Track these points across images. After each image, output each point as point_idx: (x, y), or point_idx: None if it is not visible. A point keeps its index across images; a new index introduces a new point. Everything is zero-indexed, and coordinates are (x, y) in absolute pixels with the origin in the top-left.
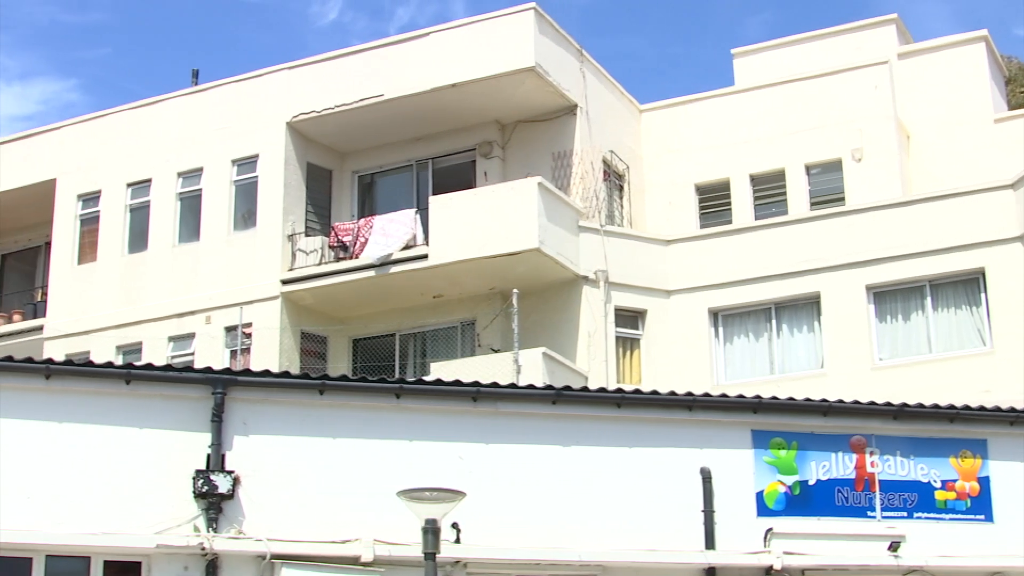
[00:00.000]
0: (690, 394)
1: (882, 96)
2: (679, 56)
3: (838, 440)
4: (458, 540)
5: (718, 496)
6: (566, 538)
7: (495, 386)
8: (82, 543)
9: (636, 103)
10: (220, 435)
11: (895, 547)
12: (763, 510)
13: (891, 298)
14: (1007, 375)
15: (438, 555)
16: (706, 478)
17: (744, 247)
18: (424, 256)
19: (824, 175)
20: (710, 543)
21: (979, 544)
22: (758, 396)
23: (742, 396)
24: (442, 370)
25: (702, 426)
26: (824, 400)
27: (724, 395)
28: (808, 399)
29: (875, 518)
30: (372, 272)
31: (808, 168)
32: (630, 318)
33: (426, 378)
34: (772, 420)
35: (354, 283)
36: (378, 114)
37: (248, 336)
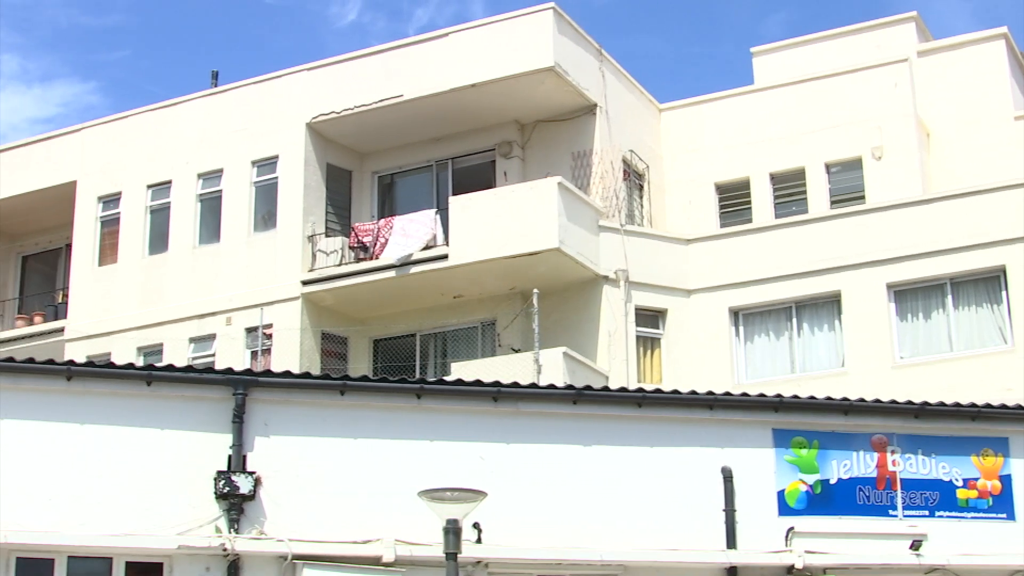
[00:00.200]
0: (711, 393)
1: (902, 94)
2: (698, 55)
3: (859, 439)
4: (479, 540)
5: (739, 495)
6: (587, 538)
7: (516, 386)
8: (104, 544)
9: (656, 102)
10: (241, 436)
11: (917, 546)
12: (784, 509)
13: (912, 296)
14: None
15: (459, 555)
16: (727, 477)
17: (764, 246)
18: (444, 256)
19: (844, 173)
20: (731, 542)
21: (1001, 542)
22: (779, 395)
23: (763, 395)
24: (463, 370)
25: (723, 425)
26: (845, 399)
27: (745, 394)
28: (829, 398)
29: (896, 517)
30: (392, 272)
31: (828, 166)
32: (650, 317)
33: (447, 378)
34: (793, 419)
35: (374, 284)
36: (398, 114)
37: (269, 337)
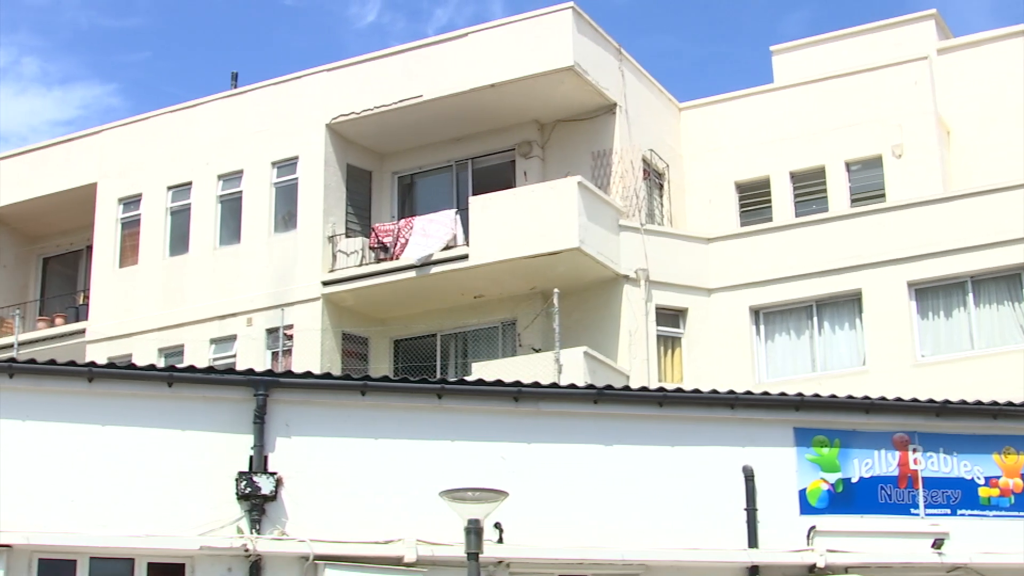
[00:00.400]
0: (732, 392)
1: (922, 92)
2: (718, 54)
3: (881, 437)
4: (501, 540)
5: (761, 494)
6: (609, 537)
7: (537, 386)
8: (126, 545)
9: (675, 101)
10: (263, 436)
11: (939, 544)
12: (806, 508)
13: (933, 294)
14: None
15: (481, 555)
16: (748, 476)
17: (785, 244)
18: (464, 256)
19: (864, 171)
20: (753, 542)
21: (1023, 541)
22: (800, 394)
23: (784, 394)
24: (483, 370)
25: (744, 424)
26: (866, 397)
27: (766, 393)
28: (850, 396)
29: (918, 515)
30: (413, 273)
31: (848, 165)
32: (671, 317)
33: (468, 378)
34: (814, 418)
35: (395, 284)
36: (417, 115)
37: (289, 338)
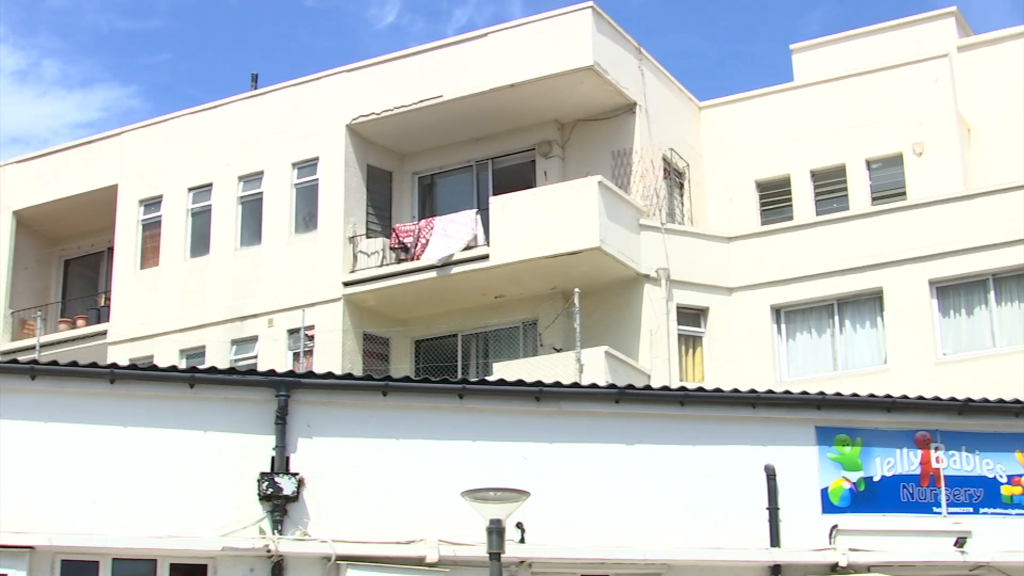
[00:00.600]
0: (753, 391)
1: (942, 90)
2: (737, 53)
3: (903, 436)
4: (523, 540)
5: (783, 493)
6: (630, 537)
7: (558, 385)
8: (148, 546)
9: (695, 100)
10: (284, 437)
11: (961, 543)
12: (828, 507)
13: (954, 292)
14: None
15: (503, 555)
16: (770, 475)
17: (806, 243)
18: (485, 256)
19: (885, 170)
20: (775, 540)
21: None
22: (822, 393)
23: (806, 393)
24: (504, 370)
25: (766, 423)
26: (888, 396)
27: (787, 392)
28: (872, 395)
29: (941, 514)
30: (434, 273)
31: (869, 163)
32: (692, 316)
33: (489, 378)
34: (836, 416)
35: (416, 284)
36: (437, 115)
37: (311, 338)
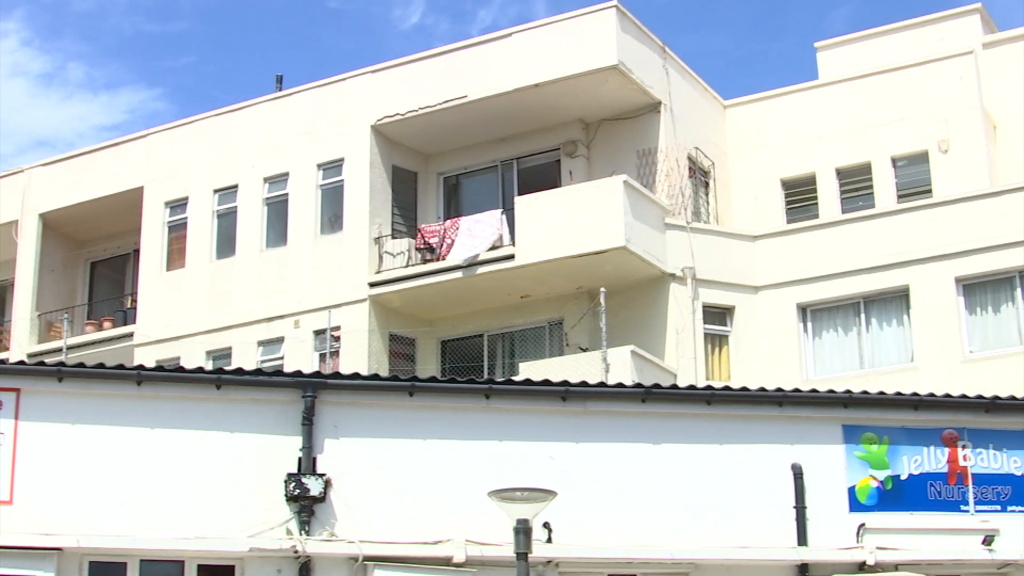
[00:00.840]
0: (780, 390)
1: (967, 86)
2: (762, 51)
3: (930, 434)
4: (550, 540)
5: (809, 492)
6: (657, 536)
7: (584, 385)
8: (176, 547)
9: (720, 99)
10: (311, 438)
11: (989, 541)
12: (855, 505)
13: (981, 290)
14: None
15: (530, 555)
16: (797, 474)
17: (831, 241)
18: (511, 256)
19: (911, 167)
20: (802, 539)
21: None
22: (848, 391)
23: (832, 391)
24: (531, 370)
25: (792, 422)
26: (915, 394)
27: (814, 391)
28: (899, 393)
29: (968, 512)
30: (459, 273)
31: (894, 160)
32: (718, 315)
33: (515, 378)
34: (863, 415)
35: (441, 284)
36: (462, 115)
37: (337, 339)
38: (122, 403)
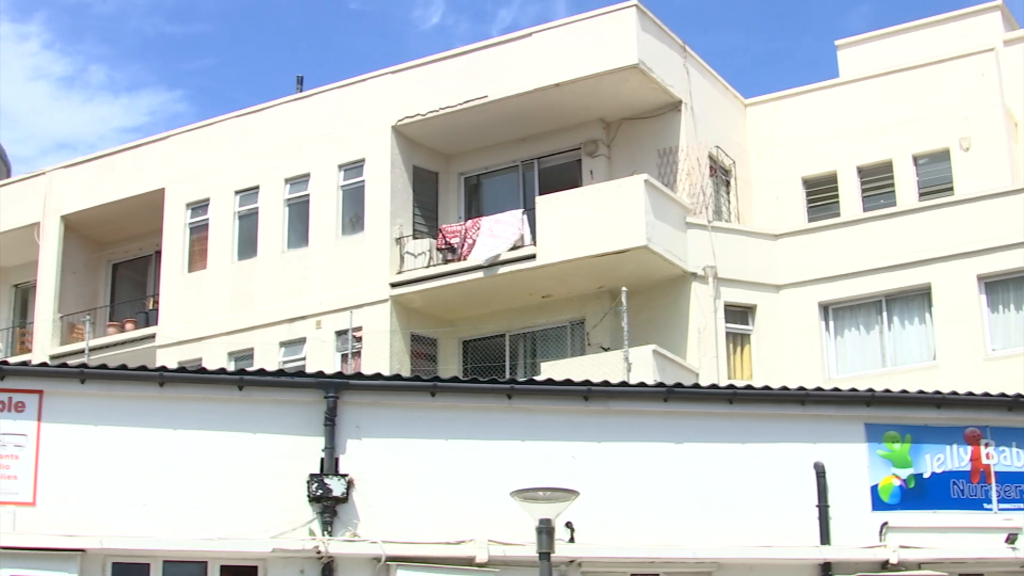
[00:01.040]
0: (802, 389)
1: (989, 84)
2: (782, 50)
3: (952, 432)
4: (572, 539)
5: (832, 491)
6: (680, 536)
7: (606, 385)
8: (199, 548)
9: (741, 98)
10: (333, 439)
11: (1012, 539)
12: (878, 504)
13: (1003, 288)
14: None
15: (552, 555)
16: (820, 473)
17: (853, 240)
18: (532, 256)
19: (932, 165)
20: (825, 538)
21: None
22: (871, 389)
23: (855, 390)
24: (552, 370)
25: (815, 421)
26: (937, 392)
27: (836, 389)
28: (921, 391)
29: (991, 510)
30: (480, 273)
31: (916, 158)
32: (740, 313)
33: (537, 378)
34: (885, 413)
35: (463, 284)
36: (483, 115)
37: (358, 340)
38: (144, 404)
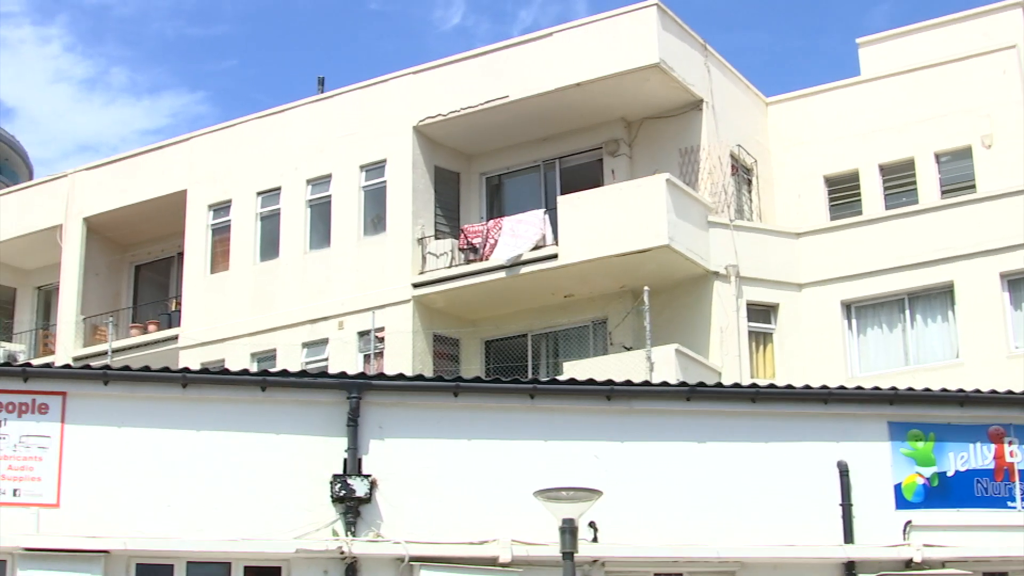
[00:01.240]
0: (825, 387)
1: (1010, 81)
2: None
3: (976, 430)
4: (595, 539)
5: (856, 489)
6: (703, 535)
7: (628, 384)
8: (222, 549)
9: (762, 96)
10: (356, 439)
11: None
12: (901, 503)
13: None
14: None
15: (576, 554)
16: (843, 472)
17: (875, 238)
18: (554, 256)
19: (954, 163)
20: (849, 537)
21: None
22: (894, 388)
23: (878, 388)
24: (575, 369)
25: (838, 419)
26: (961, 390)
27: (859, 388)
28: (944, 390)
29: (1015, 508)
30: (502, 273)
31: (938, 156)
32: (762, 312)
33: (559, 378)
34: (909, 412)
35: (485, 285)
36: (504, 115)
37: (381, 340)
38: (167, 405)
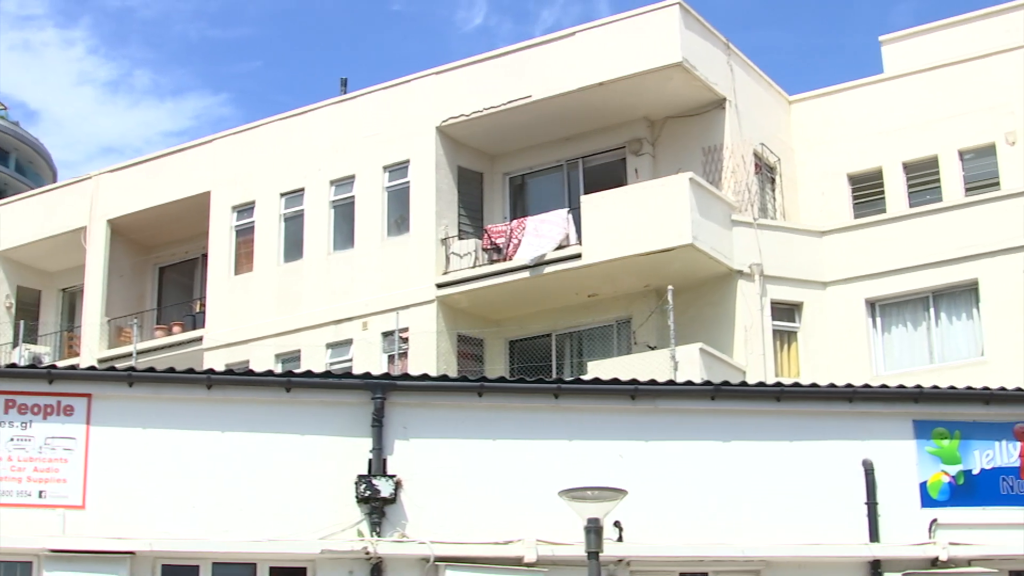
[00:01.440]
0: (850, 386)
1: None
2: (826, 46)
3: (1001, 428)
4: (620, 539)
5: (881, 488)
6: (728, 534)
7: (653, 383)
8: (248, 550)
9: (785, 95)
10: (381, 440)
11: None
12: (927, 501)
13: None
14: None
15: (601, 554)
16: (868, 470)
17: (899, 236)
18: (577, 255)
19: (978, 160)
20: (874, 536)
21: None
22: (919, 386)
23: (903, 386)
24: (599, 369)
25: (863, 418)
26: (986, 388)
27: (884, 386)
28: (970, 387)
29: None
30: (526, 273)
31: (961, 153)
32: (786, 311)
33: (584, 377)
34: (934, 410)
35: (509, 284)
36: (527, 115)
37: (405, 341)
38: (192, 407)
